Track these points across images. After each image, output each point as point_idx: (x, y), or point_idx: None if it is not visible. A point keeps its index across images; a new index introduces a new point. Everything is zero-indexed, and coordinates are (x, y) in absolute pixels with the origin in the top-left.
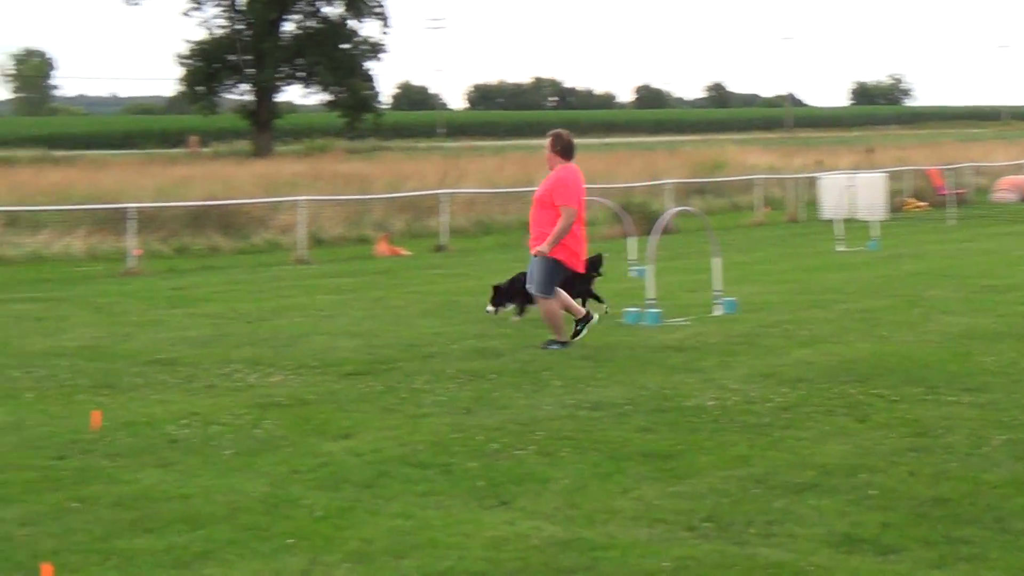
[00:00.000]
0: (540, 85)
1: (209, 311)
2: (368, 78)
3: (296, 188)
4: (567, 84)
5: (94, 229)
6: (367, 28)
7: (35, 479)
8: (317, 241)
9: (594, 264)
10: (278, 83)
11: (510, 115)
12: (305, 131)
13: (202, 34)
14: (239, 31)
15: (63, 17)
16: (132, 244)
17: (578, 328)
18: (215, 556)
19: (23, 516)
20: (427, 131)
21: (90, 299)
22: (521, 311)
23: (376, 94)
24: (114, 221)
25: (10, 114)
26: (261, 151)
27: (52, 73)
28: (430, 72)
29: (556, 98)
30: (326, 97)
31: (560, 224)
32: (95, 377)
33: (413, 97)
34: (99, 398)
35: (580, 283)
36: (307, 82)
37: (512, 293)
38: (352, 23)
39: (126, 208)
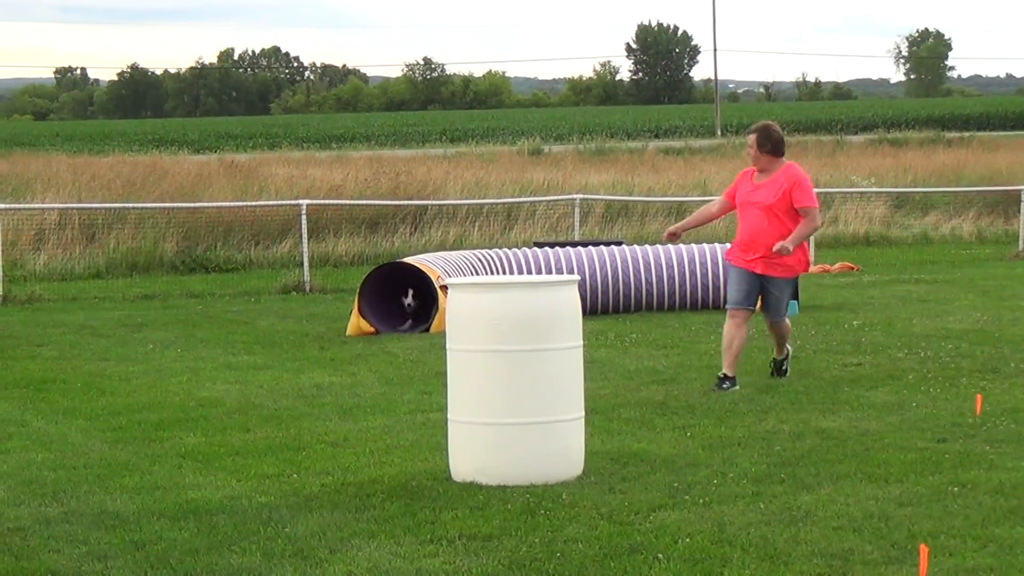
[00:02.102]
0: None
1: None
2: None
3: None
4: None
5: (984, 211)
6: None
7: (915, 460)
8: None
9: None
10: None
11: None
12: None
13: None
14: None
15: None
16: (1022, 227)
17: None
18: None
19: (902, 496)
20: None
21: (976, 282)
22: None
23: None
24: (1004, 204)
25: (903, 96)
26: None
27: (948, 54)
28: None
29: None
30: None
31: (808, 225)
32: (979, 361)
33: None
34: (982, 382)
35: None
36: None
37: None
38: None
39: (1017, 190)
